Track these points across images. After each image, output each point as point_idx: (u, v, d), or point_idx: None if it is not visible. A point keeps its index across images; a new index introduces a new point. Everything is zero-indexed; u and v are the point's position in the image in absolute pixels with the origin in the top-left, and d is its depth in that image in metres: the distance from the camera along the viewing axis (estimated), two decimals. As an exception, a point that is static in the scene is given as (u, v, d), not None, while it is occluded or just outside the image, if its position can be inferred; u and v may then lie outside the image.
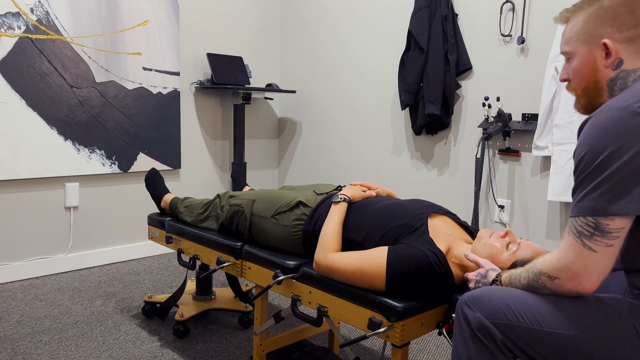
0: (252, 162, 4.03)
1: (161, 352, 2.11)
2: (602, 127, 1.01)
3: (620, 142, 0.98)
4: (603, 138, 1.00)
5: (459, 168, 3.00)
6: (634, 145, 0.97)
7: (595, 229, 1.00)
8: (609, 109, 1.02)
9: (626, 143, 0.98)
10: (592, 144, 1.01)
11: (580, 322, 1.05)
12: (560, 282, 1.05)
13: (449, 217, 1.61)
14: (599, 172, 1.00)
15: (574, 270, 1.03)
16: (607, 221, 1.00)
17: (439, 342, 2.30)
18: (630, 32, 1.10)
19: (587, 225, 1.01)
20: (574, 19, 1.18)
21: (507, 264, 1.33)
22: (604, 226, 1.00)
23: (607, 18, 1.11)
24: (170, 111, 3.45)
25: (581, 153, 1.03)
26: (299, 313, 1.64)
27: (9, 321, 2.37)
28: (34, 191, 2.96)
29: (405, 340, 1.35)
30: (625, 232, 1.01)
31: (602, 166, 1.00)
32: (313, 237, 1.70)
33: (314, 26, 3.81)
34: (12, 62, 2.79)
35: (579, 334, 1.04)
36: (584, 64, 1.15)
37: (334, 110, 3.71)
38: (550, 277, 1.07)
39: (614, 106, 1.01)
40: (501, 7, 2.73)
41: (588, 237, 1.01)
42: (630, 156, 0.97)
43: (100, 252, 3.24)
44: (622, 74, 1.11)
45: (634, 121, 0.98)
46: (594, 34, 1.13)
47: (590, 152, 1.01)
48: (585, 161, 1.02)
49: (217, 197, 2.13)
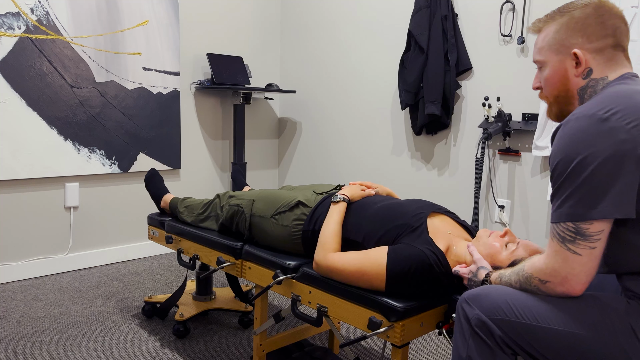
0: (252, 162, 4.03)
1: (161, 352, 2.11)
2: (572, 135, 1.04)
3: (590, 149, 1.01)
4: (573, 146, 1.03)
5: (459, 168, 3.00)
6: (603, 151, 1.00)
7: (577, 234, 1.03)
8: (576, 118, 1.05)
9: (595, 150, 1.00)
10: (564, 151, 1.04)
11: (578, 319, 1.06)
12: (552, 286, 1.08)
13: (448, 216, 1.61)
14: (573, 179, 1.03)
15: (562, 275, 1.06)
16: (587, 225, 1.02)
17: (439, 342, 2.30)
18: (599, 43, 1.14)
19: (569, 231, 1.04)
20: (545, 29, 1.21)
21: (506, 263, 1.34)
22: (584, 230, 1.03)
23: (577, 29, 1.15)
24: (170, 111, 3.45)
25: (555, 161, 1.06)
26: (299, 313, 1.64)
27: (9, 321, 2.37)
28: (34, 191, 2.96)
29: (405, 340, 1.35)
30: (606, 234, 1.03)
31: (575, 173, 1.02)
32: (313, 237, 1.70)
33: (314, 26, 3.81)
34: (12, 62, 2.79)
35: (577, 330, 1.06)
36: (555, 73, 1.19)
37: (334, 110, 3.71)
38: (541, 281, 1.09)
39: (582, 114, 1.05)
40: (501, 7, 2.73)
41: (571, 242, 1.04)
42: (600, 161, 1.00)
43: (100, 252, 3.24)
44: (592, 82, 1.15)
45: (601, 128, 1.01)
46: (565, 43, 1.17)
47: (563, 160, 1.04)
48: (559, 169, 1.05)
49: (217, 197, 2.13)
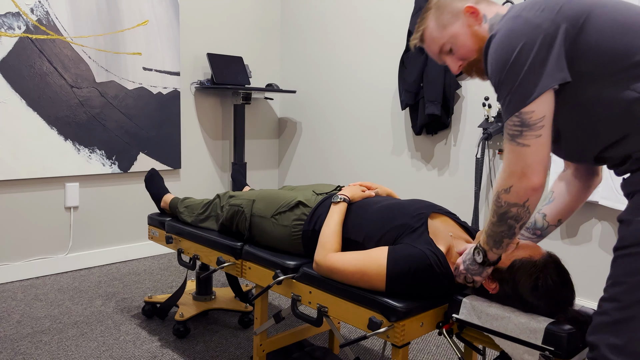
0: (252, 162, 4.03)
1: (161, 352, 2.11)
2: (504, 36, 1.10)
3: (513, 45, 1.08)
4: (500, 52, 1.10)
5: (459, 168, 3.00)
6: (525, 40, 1.07)
7: (522, 125, 1.08)
8: (503, 25, 1.12)
9: (517, 42, 1.07)
10: (495, 59, 1.10)
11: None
12: (515, 189, 1.10)
13: (449, 217, 1.61)
14: (509, 77, 1.09)
15: (519, 170, 1.09)
16: (529, 110, 1.07)
17: (439, 342, 2.30)
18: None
19: (515, 125, 1.09)
20: (426, 29, 1.32)
21: (506, 263, 1.33)
22: (528, 119, 1.07)
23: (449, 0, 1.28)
24: (170, 111, 3.45)
25: (493, 64, 1.12)
26: (299, 313, 1.64)
27: (9, 321, 2.37)
28: (34, 191, 2.96)
29: (405, 340, 1.35)
30: (549, 121, 1.08)
31: (509, 71, 1.08)
32: (313, 237, 1.70)
33: (314, 26, 3.81)
34: (12, 62, 2.79)
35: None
36: (465, 34, 1.26)
37: (334, 110, 3.71)
38: (506, 191, 1.12)
39: (505, 22, 1.12)
40: (501, 7, 2.72)
41: (518, 136, 1.09)
42: (524, 49, 1.06)
43: (100, 252, 3.24)
44: (492, 21, 1.25)
45: (516, 25, 1.09)
46: (452, 13, 1.27)
47: (497, 66, 1.10)
48: (498, 69, 1.10)
49: (217, 197, 2.13)
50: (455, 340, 1.74)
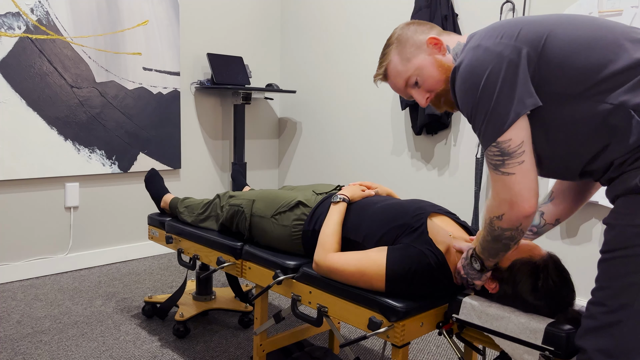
0: (252, 162, 4.03)
1: (161, 352, 2.11)
2: (469, 66, 1.10)
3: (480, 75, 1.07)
4: (468, 84, 1.09)
5: (459, 168, 3.00)
6: (490, 68, 1.06)
7: (502, 154, 1.07)
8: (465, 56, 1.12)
9: (482, 72, 1.07)
10: (468, 79, 1.10)
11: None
12: (507, 216, 1.10)
13: (448, 217, 1.61)
14: (481, 107, 1.08)
15: (508, 199, 1.08)
16: (506, 139, 1.06)
17: (439, 342, 2.30)
18: (435, 30, 1.28)
19: (495, 155, 1.08)
20: (390, 64, 1.31)
21: (506, 263, 1.33)
22: (506, 148, 1.07)
23: (410, 33, 1.28)
24: (170, 111, 3.45)
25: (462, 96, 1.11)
26: (299, 313, 1.64)
27: (9, 321, 2.37)
28: (34, 191, 2.96)
29: (405, 341, 1.35)
30: (528, 145, 1.07)
31: (480, 100, 1.08)
32: (313, 237, 1.70)
33: (314, 26, 3.81)
34: (12, 62, 2.79)
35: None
36: (430, 65, 1.26)
37: (334, 110, 3.71)
38: (498, 218, 1.12)
39: (467, 52, 1.12)
40: (501, 7, 2.73)
41: (501, 165, 1.08)
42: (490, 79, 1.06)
43: (100, 252, 3.24)
44: (455, 50, 1.25)
45: (477, 55, 1.09)
46: (416, 44, 1.27)
47: (470, 88, 1.09)
48: (468, 100, 1.10)
49: (217, 197, 2.13)
50: (455, 340, 1.74)
